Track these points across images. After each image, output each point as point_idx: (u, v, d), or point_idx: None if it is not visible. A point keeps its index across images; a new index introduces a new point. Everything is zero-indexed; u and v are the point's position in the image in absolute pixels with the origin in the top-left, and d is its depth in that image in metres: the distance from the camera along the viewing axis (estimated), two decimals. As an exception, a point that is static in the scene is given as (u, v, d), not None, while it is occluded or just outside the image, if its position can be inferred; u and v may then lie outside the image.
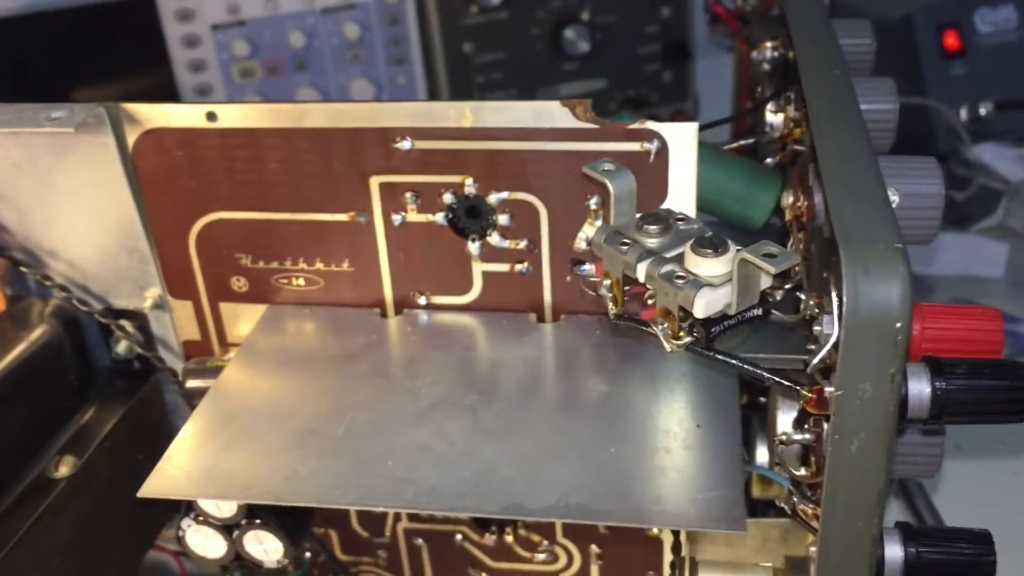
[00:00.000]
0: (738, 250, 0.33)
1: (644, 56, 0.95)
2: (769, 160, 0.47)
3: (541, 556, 0.50)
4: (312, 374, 0.43)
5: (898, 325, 0.28)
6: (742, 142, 0.48)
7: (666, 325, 0.34)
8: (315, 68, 0.91)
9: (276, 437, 0.40)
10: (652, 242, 0.36)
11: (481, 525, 0.49)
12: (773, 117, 0.46)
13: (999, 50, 0.87)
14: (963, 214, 0.84)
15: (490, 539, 0.49)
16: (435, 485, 0.37)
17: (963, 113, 0.86)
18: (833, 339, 0.29)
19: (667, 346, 0.35)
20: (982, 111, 0.86)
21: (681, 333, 0.34)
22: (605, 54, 0.93)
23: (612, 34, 0.93)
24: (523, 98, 0.95)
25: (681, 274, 0.34)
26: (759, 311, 0.34)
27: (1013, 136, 0.88)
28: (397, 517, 0.50)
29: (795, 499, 0.37)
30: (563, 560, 0.50)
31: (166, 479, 0.38)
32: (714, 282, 0.33)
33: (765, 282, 0.34)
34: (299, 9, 0.89)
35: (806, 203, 0.39)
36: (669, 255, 0.35)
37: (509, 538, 0.49)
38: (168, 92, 0.88)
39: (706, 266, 0.34)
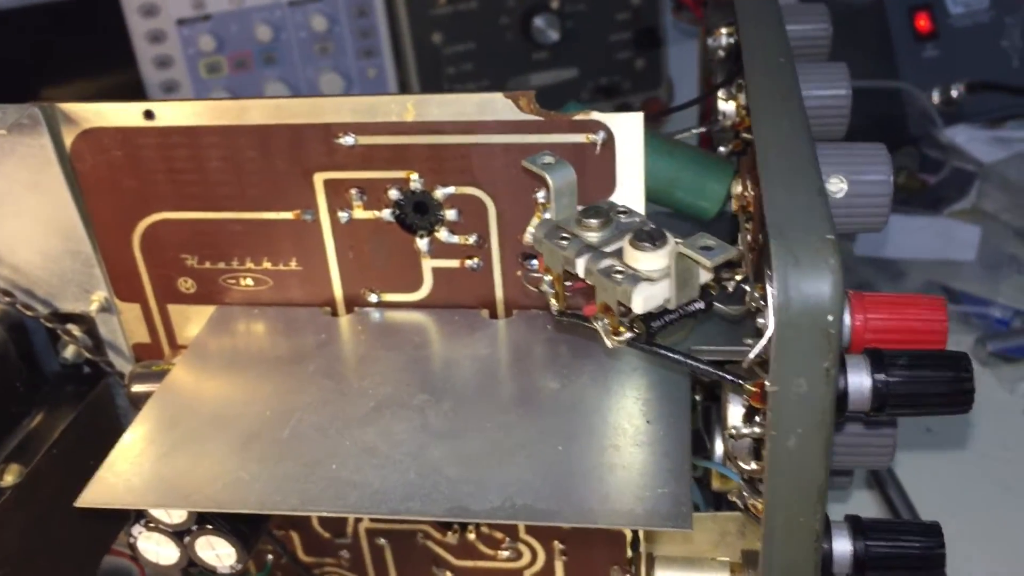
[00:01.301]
0: (677, 243, 0.32)
1: (616, 44, 0.94)
2: (722, 149, 0.46)
3: (505, 553, 0.49)
4: (259, 376, 0.43)
5: (830, 318, 0.27)
6: (694, 130, 0.47)
7: (606, 321, 0.34)
8: (283, 62, 0.90)
9: (220, 442, 0.39)
10: (592, 236, 0.35)
11: (443, 524, 0.49)
12: (725, 105, 0.45)
13: (971, 31, 0.87)
14: (936, 197, 0.83)
15: (453, 538, 0.49)
16: (379, 488, 0.36)
17: (935, 95, 0.86)
18: (769, 333, 0.29)
19: (608, 342, 0.34)
20: (954, 93, 0.85)
21: (621, 329, 0.34)
22: (576, 42, 0.92)
23: (582, 22, 0.92)
24: (495, 88, 0.94)
25: (620, 269, 0.33)
26: (701, 304, 0.34)
27: (986, 118, 0.87)
28: (358, 518, 0.49)
29: (746, 493, 0.36)
30: (527, 557, 0.49)
31: (105, 487, 0.37)
32: (653, 276, 0.33)
33: (706, 275, 0.33)
34: (265, 2, 0.88)
35: (754, 193, 0.38)
36: (609, 249, 0.34)
37: (472, 536, 0.49)
38: (136, 89, 0.87)
39: (644, 260, 0.33)
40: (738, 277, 0.38)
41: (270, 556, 0.52)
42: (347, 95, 0.42)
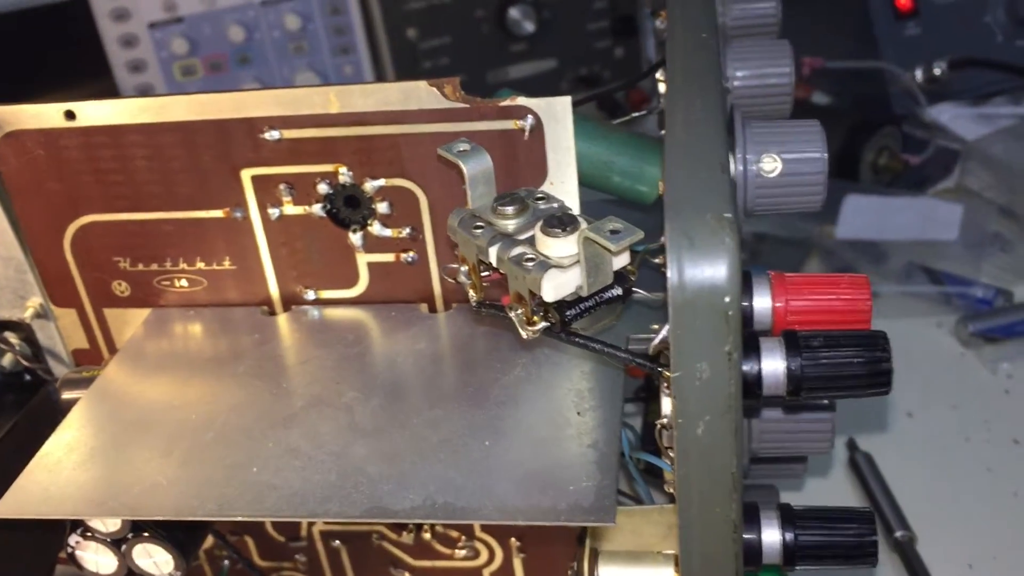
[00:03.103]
0: (586, 228, 0.31)
1: (593, 33, 0.93)
2: (663, 132, 0.45)
3: (462, 552, 0.48)
4: (188, 378, 0.42)
5: (727, 300, 0.26)
6: (635, 115, 0.46)
7: (520, 311, 0.33)
8: (258, 62, 0.90)
9: (142, 447, 0.38)
10: (508, 224, 0.34)
11: (396, 524, 0.48)
12: (663, 87, 0.44)
13: (952, 8, 0.85)
14: (920, 177, 0.82)
15: (408, 538, 0.48)
16: (298, 490, 0.35)
17: (918, 74, 0.84)
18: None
19: (522, 333, 0.33)
20: (937, 71, 0.83)
21: (536, 318, 0.33)
22: (553, 33, 0.91)
23: (559, 12, 0.91)
24: (473, 82, 0.93)
25: (531, 256, 0.32)
26: (617, 291, 0.32)
27: (970, 95, 0.85)
28: (312, 520, 0.48)
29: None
30: (484, 555, 0.48)
31: (22, 497, 0.36)
32: (563, 263, 0.31)
33: (620, 260, 0.32)
34: (238, 2, 0.87)
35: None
36: (523, 237, 0.33)
37: (427, 535, 0.48)
38: (113, 95, 0.86)
39: (555, 246, 0.32)
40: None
41: (226, 562, 0.51)
42: (269, 88, 0.41)
